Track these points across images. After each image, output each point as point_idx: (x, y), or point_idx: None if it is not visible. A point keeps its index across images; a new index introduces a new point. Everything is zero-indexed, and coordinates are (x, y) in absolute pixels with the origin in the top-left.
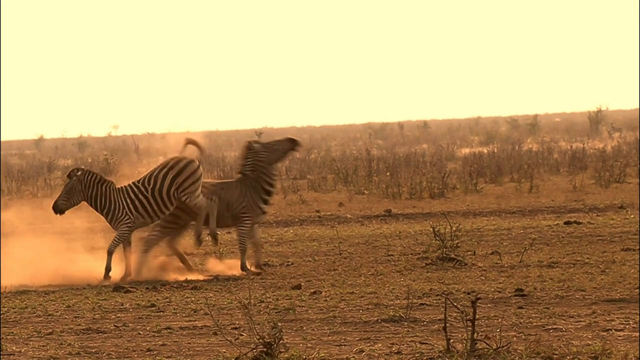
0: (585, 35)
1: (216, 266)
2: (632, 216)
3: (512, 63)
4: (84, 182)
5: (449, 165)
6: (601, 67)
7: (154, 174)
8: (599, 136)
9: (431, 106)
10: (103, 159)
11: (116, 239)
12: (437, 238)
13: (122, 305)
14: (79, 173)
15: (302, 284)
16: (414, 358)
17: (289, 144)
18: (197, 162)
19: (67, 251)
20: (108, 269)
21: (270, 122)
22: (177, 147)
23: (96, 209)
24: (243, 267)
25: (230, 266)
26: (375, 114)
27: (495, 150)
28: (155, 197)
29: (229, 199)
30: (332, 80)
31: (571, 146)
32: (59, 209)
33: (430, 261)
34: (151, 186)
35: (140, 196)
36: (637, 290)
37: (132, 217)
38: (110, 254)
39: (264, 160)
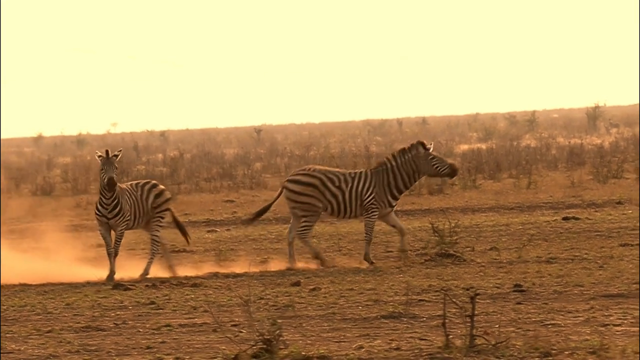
0: (583, 31)
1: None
2: (630, 211)
3: (511, 60)
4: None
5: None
6: (599, 63)
7: (140, 185)
8: (596, 132)
9: (430, 103)
10: None
11: (119, 240)
12: (436, 234)
13: (121, 302)
14: (118, 152)
15: (302, 280)
16: (413, 354)
17: (449, 170)
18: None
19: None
20: (113, 271)
21: (270, 119)
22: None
23: (110, 197)
24: (366, 258)
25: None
26: (374, 110)
27: (494, 147)
28: (143, 205)
29: (358, 188)
30: (331, 78)
31: (569, 142)
32: (115, 184)
33: (429, 257)
34: (139, 194)
35: (133, 198)
36: (635, 285)
37: (129, 216)
38: (115, 255)
39: (417, 166)
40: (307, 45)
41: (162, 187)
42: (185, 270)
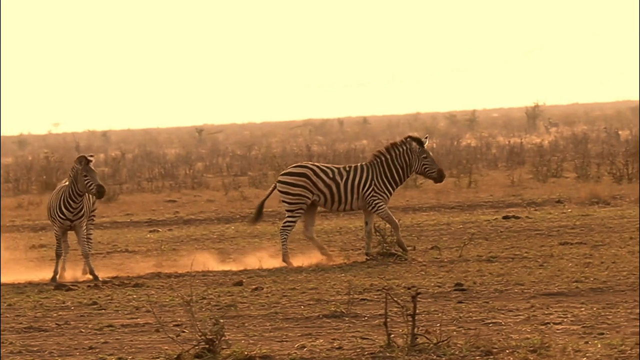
0: (522, 32)
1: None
2: (569, 210)
3: (450, 60)
4: None
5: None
6: (538, 63)
7: None
8: (536, 131)
9: (371, 102)
10: (43, 157)
11: (90, 240)
12: (378, 233)
13: (63, 303)
14: (92, 157)
15: (244, 280)
16: (355, 353)
17: (436, 174)
18: None
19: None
20: (92, 272)
21: (211, 119)
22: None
23: (81, 201)
24: (399, 244)
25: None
26: (315, 110)
27: (434, 146)
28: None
29: (355, 182)
30: (272, 77)
31: (509, 141)
32: (105, 192)
33: (370, 256)
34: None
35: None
36: (575, 283)
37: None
38: (88, 256)
39: (409, 161)
40: (246, 46)
41: None
42: (127, 271)
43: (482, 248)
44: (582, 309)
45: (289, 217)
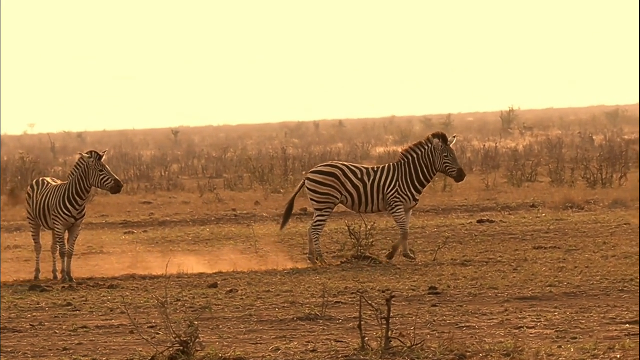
0: (496, 36)
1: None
2: (544, 215)
3: (426, 63)
4: None
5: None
6: (513, 67)
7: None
8: (511, 135)
9: (346, 105)
10: (19, 158)
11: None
12: (353, 237)
13: (38, 304)
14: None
15: (219, 282)
16: (329, 356)
17: (456, 173)
18: None
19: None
20: (69, 273)
21: (187, 121)
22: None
23: (87, 198)
24: (405, 254)
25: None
26: (291, 113)
27: None
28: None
29: (380, 182)
30: (248, 80)
31: (484, 145)
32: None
33: (345, 259)
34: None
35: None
36: (549, 288)
37: None
38: (71, 257)
39: (433, 159)
40: (223, 47)
41: None
42: (102, 272)
43: (457, 252)
44: (556, 313)
45: (318, 216)
